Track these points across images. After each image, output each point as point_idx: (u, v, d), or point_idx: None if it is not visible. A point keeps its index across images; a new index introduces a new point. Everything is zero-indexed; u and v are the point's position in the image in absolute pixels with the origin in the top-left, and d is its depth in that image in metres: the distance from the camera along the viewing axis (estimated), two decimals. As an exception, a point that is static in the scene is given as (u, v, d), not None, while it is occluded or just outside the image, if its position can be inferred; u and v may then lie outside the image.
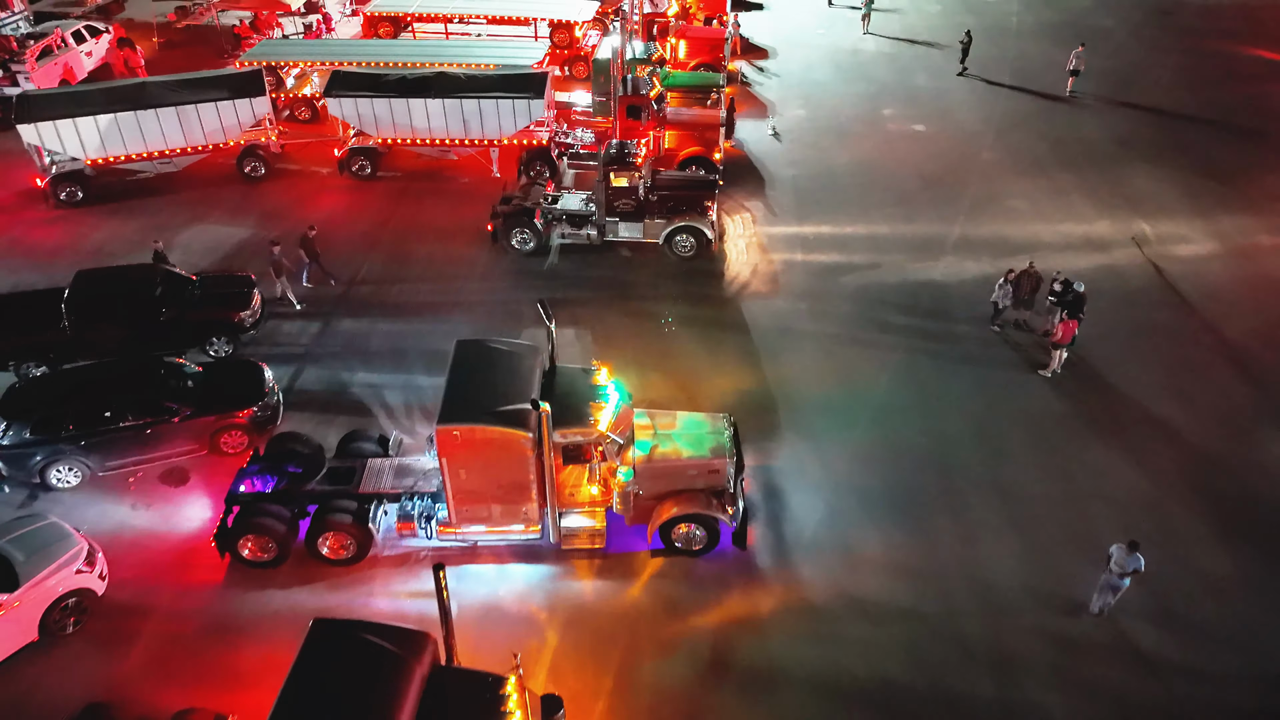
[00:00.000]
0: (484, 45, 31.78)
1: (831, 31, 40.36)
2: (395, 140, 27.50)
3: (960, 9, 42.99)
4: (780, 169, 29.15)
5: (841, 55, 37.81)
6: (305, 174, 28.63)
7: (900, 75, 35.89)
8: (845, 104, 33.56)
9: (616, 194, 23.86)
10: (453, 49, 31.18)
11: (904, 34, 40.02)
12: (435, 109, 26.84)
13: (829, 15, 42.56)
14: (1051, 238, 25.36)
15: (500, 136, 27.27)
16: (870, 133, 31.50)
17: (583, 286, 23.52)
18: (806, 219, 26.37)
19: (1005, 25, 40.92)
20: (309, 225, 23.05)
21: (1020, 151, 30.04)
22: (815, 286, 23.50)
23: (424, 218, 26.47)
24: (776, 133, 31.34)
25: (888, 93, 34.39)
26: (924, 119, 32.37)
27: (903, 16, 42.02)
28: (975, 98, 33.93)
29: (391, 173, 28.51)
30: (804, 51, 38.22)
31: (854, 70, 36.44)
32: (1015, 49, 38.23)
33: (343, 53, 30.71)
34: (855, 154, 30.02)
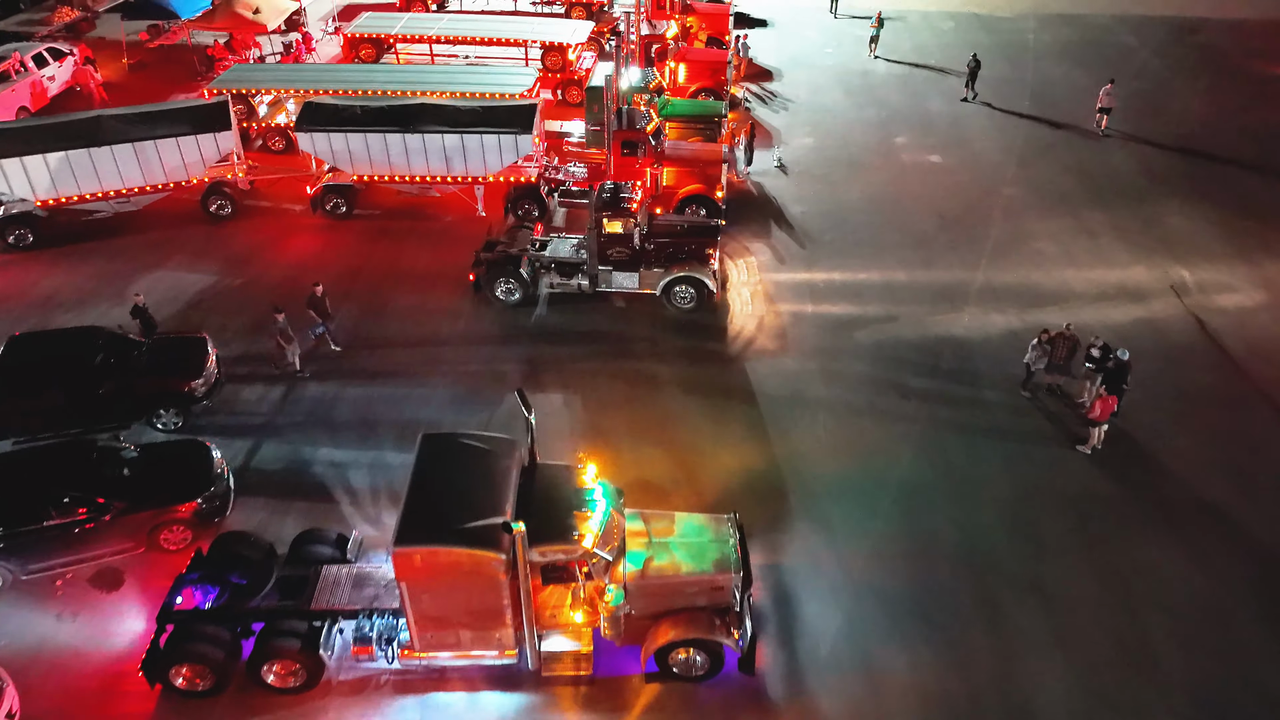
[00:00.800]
0: (470, 71, 29.78)
1: (839, 51, 38.35)
2: (372, 177, 25.50)
3: (974, 25, 41.01)
4: (787, 205, 27.13)
5: (850, 77, 35.81)
6: (276, 212, 26.64)
7: (913, 99, 33.88)
8: (855, 131, 31.55)
9: (610, 241, 21.84)
10: (436, 76, 29.17)
11: (915, 54, 38.01)
12: (415, 145, 24.84)
13: (835, 31, 40.56)
14: (1083, 286, 23.33)
15: (485, 174, 25.27)
16: (883, 164, 29.48)
17: (573, 342, 21.53)
18: (816, 264, 24.36)
19: (1022, 44, 38.90)
20: (314, 283, 20.76)
21: (1044, 186, 28.01)
22: (827, 343, 21.48)
23: (403, 262, 24.48)
24: (782, 164, 29.33)
25: (900, 119, 32.38)
26: (940, 148, 30.36)
27: (914, 34, 40.02)
28: (994, 125, 31.91)
29: (369, 210, 26.52)
30: (810, 73, 36.22)
31: (864, 94, 34.43)
32: (1034, 71, 36.21)
33: (318, 79, 28.69)
34: (867, 188, 28.00)
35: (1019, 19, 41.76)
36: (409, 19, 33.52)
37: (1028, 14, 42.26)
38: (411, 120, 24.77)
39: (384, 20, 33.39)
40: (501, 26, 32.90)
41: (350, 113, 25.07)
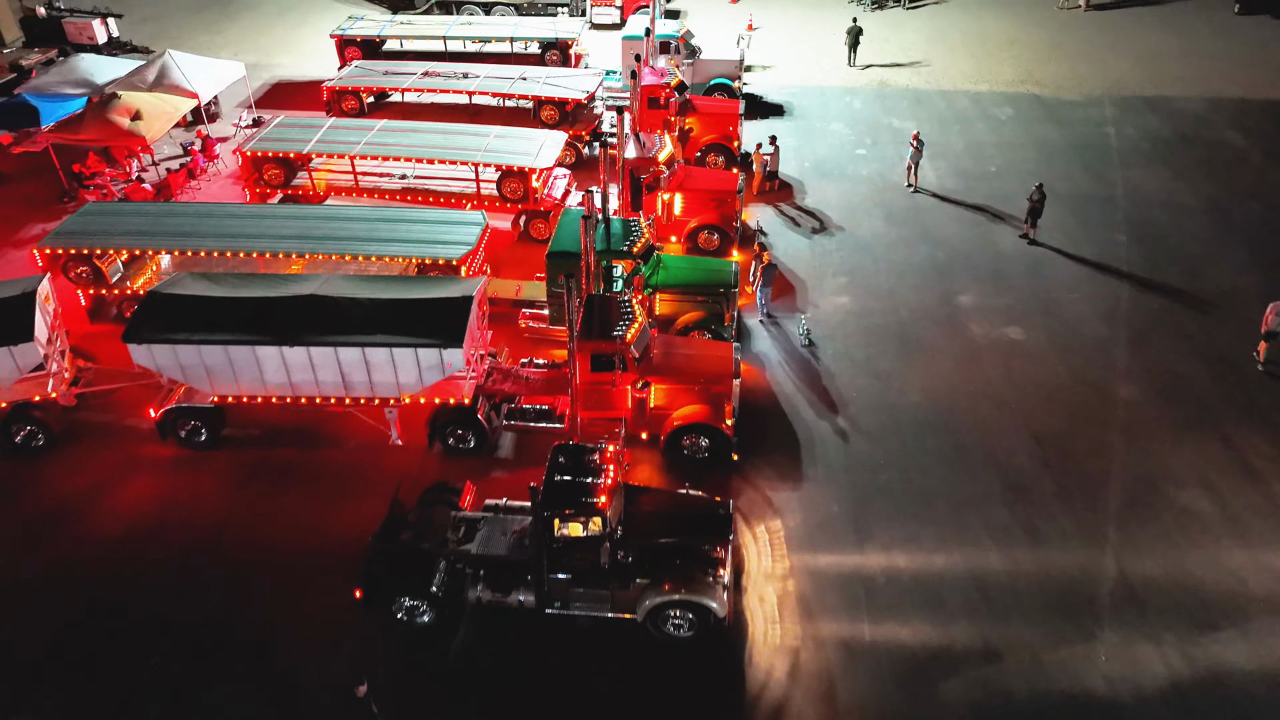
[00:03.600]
0: (396, 218, 22.28)
1: (875, 152, 30.89)
2: (239, 398, 18.11)
3: (1037, 112, 33.55)
4: (821, 415, 19.71)
5: (892, 194, 28.35)
6: (114, 434, 19.26)
7: (973, 232, 26.40)
8: (905, 283, 24.10)
9: (565, 547, 14.43)
10: (349, 225, 21.78)
11: (970, 158, 30.56)
12: (298, 360, 17.46)
13: (866, 118, 33.09)
14: (1266, 586, 15.87)
15: (399, 396, 17.89)
16: (946, 340, 22.04)
17: (507, 704, 14.12)
18: (870, 534, 16.92)
19: (1100, 142, 31.44)
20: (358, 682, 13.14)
21: (1172, 385, 20.54)
22: (901, 709, 14.04)
23: (279, 521, 17.16)
24: (810, 338, 21.91)
25: (961, 263, 24.93)
26: (1020, 314, 22.90)
27: (965, 126, 32.57)
28: (1084, 276, 24.40)
29: (242, 429, 19.17)
30: (841, 187, 28.78)
31: (910, 220, 26.97)
32: (1124, 185, 28.71)
33: (186, 229, 21.36)
34: (929, 385, 20.56)
35: (1090, 104, 34.30)
36: (329, 128, 26.14)
37: (1100, 97, 34.82)
38: (294, 326, 17.37)
39: (296, 130, 25.98)
40: (448, 141, 25.47)
41: (207, 310, 17.68)
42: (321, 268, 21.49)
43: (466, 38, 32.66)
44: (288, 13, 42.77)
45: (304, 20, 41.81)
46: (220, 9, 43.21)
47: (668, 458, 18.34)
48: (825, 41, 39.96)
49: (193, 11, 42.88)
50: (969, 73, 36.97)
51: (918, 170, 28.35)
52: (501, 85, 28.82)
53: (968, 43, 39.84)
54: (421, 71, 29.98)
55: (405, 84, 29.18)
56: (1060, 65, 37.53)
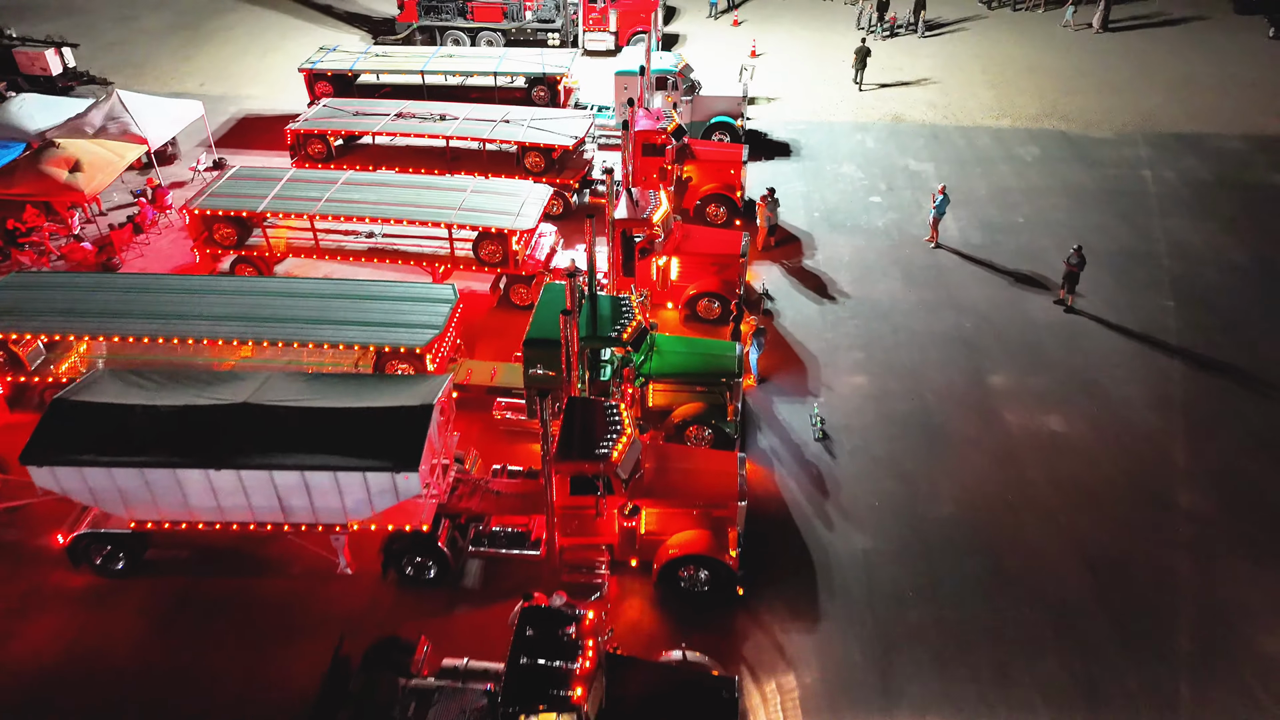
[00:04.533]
0: (356, 294, 19.67)
1: (892, 197, 28.27)
2: (160, 525, 15.51)
3: (1065, 152, 30.90)
4: (838, 530, 17.11)
5: (911, 250, 25.70)
6: (22, 557, 16.63)
7: (1004, 297, 23.77)
8: (929, 360, 21.49)
9: (537, 742, 11.82)
10: (301, 300, 19.22)
11: (995, 205, 27.94)
12: (227, 484, 14.89)
13: (879, 157, 30.47)
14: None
15: (347, 522, 15.30)
16: (978, 431, 19.42)
17: None
18: (899, 697, 14.30)
19: (1137, 187, 28.81)
20: None
21: (1243, 491, 17.90)
22: None
23: (204, 671, 14.57)
24: (824, 431, 19.33)
25: (990, 334, 22.33)
26: (1058, 398, 20.30)
27: (988, 169, 29.93)
28: (1131, 352, 21.76)
29: (169, 550, 16.58)
30: (854, 241, 26.16)
31: (932, 281, 24.35)
32: (1165, 238, 26.09)
33: (115, 307, 18.85)
34: (961, 492, 17.93)
35: (1122, 142, 31.66)
36: (288, 181, 23.55)
37: (1133, 134, 32.19)
38: (223, 442, 14.80)
39: (250, 184, 23.39)
40: (419, 198, 22.86)
41: (122, 421, 15.09)
42: (267, 354, 18.95)
43: (446, 73, 30.07)
44: (260, 38, 40.19)
45: (277, 46, 39.24)
46: (189, 33, 40.64)
47: (661, 591, 15.75)
48: (834, 69, 37.36)
49: (161, 36, 40.32)
50: (989, 105, 34.36)
51: (939, 227, 25.69)
52: (481, 129, 26.22)
53: (986, 70, 37.23)
54: (395, 112, 27.38)
55: (376, 126, 26.58)
56: (1086, 96, 34.91)
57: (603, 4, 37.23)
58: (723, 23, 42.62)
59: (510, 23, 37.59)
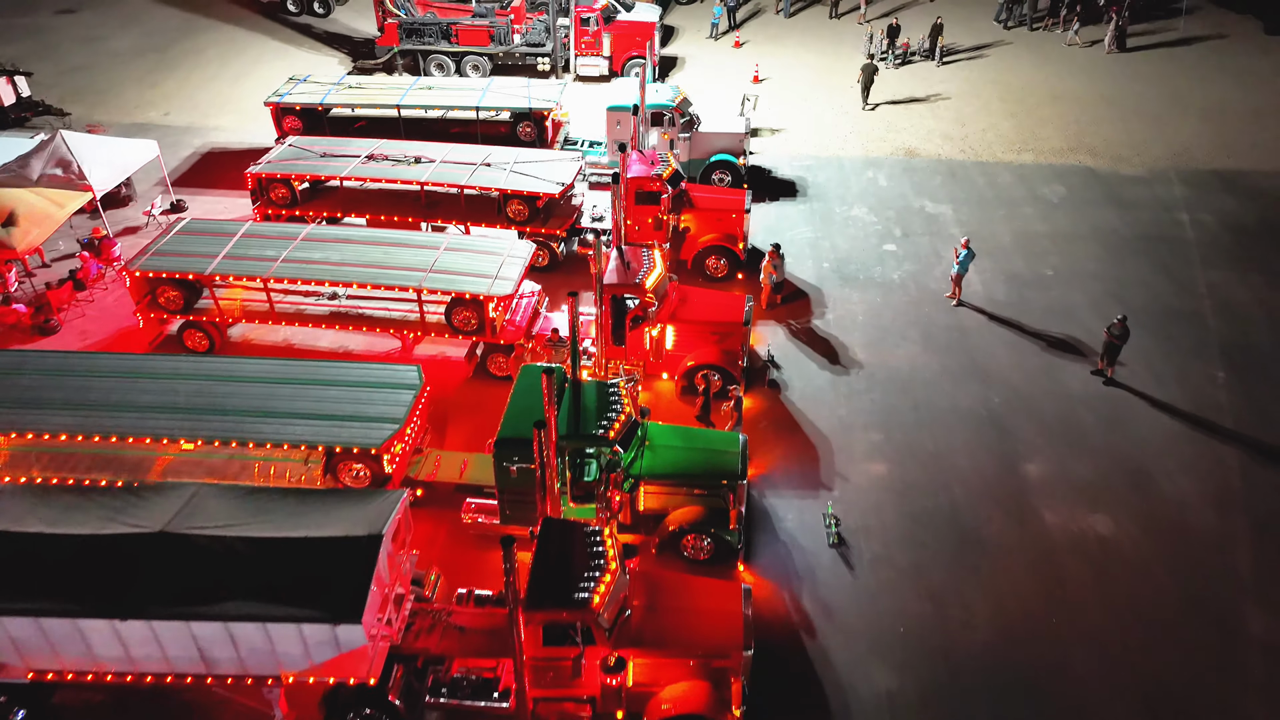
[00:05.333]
0: (309, 377, 17.35)
1: (909, 244, 25.92)
2: (63, 675, 13.20)
3: (1094, 192, 28.56)
4: (858, 665, 14.79)
5: (931, 309, 23.37)
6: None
7: (1035, 365, 21.43)
8: (954, 441, 19.18)
9: None
10: (246, 386, 16.92)
11: (1020, 252, 25.62)
12: (138, 634, 12.59)
13: (895, 198, 28.16)
14: None
15: (280, 674, 12.99)
16: (1014, 534, 17.10)
17: None
18: None
19: (1173, 232, 26.47)
20: None
21: (1321, 614, 15.65)
22: None
23: None
24: (839, 534, 17.03)
25: (1022, 410, 20.01)
26: (1102, 492, 17.98)
27: (1012, 211, 27.58)
28: (1179, 433, 19.45)
29: (80, 694, 14.25)
30: (868, 296, 23.84)
31: (954, 347, 22.03)
32: (1211, 297, 23.72)
33: (30, 395, 16.64)
34: (998, 614, 15.62)
35: (1155, 179, 29.32)
36: (243, 236, 21.28)
37: (1166, 170, 29.86)
38: (134, 584, 12.52)
39: (200, 241, 21.11)
40: (386, 256, 20.57)
41: (17, 554, 12.81)
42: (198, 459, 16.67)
43: (424, 107, 27.74)
44: (232, 62, 37.87)
45: (249, 71, 36.93)
46: (157, 56, 38.33)
47: (652, 751, 13.43)
48: (842, 97, 35.05)
49: (127, 60, 38.01)
50: (1009, 137, 32.04)
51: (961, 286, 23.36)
52: (459, 174, 23.91)
53: (1004, 98, 34.91)
54: (366, 154, 25.09)
55: (344, 171, 24.27)
56: (1114, 127, 32.60)
57: (595, 28, 34.91)
58: (723, 44, 40.31)
59: (497, 46, 35.28)
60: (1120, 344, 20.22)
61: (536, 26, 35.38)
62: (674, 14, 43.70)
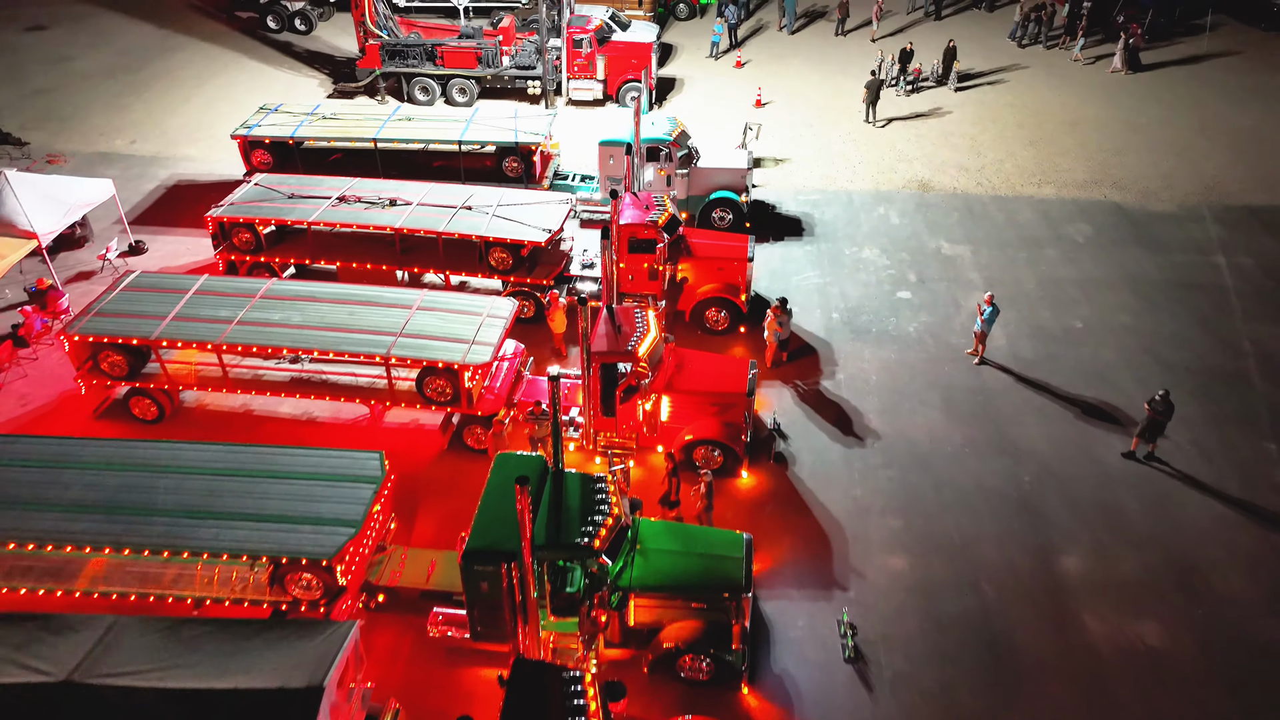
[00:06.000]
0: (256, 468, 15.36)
1: (923, 293, 23.97)
2: None
3: (1123, 230, 26.59)
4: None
5: (951, 368, 21.41)
6: None
7: (1067, 435, 19.45)
8: (982, 529, 17.23)
9: None
10: (185, 479, 14.94)
11: (1046, 302, 23.68)
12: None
13: (909, 238, 26.20)
14: None
15: None
16: (1053, 646, 15.15)
17: None
18: None
19: (1212, 281, 24.48)
20: None
21: None
22: None
23: None
24: (856, 647, 15.08)
25: (1055, 491, 18.05)
26: (1150, 594, 16.02)
27: (1033, 253, 25.62)
28: (1232, 522, 17.45)
29: None
30: (882, 353, 21.87)
31: (978, 414, 20.06)
32: (1255, 354, 21.69)
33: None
34: (1041, 747, 13.71)
35: (1187, 217, 27.35)
36: (195, 293, 19.36)
37: (1198, 206, 27.90)
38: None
39: (146, 299, 19.18)
40: (352, 318, 18.63)
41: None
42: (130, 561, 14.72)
43: (402, 141, 25.76)
44: (207, 83, 35.94)
45: (225, 93, 35.01)
46: (128, 78, 36.38)
47: None
48: (850, 124, 33.10)
49: (96, 81, 36.05)
50: (1028, 168, 30.08)
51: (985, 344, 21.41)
52: (437, 220, 21.98)
53: (1023, 124, 32.97)
54: (338, 194, 23.16)
55: (312, 215, 22.32)
56: (1140, 157, 30.65)
57: (589, 50, 32.96)
58: (724, 64, 38.36)
59: (485, 69, 33.34)
60: (1164, 421, 18.24)
61: (527, 48, 33.43)
62: (673, 31, 41.78)
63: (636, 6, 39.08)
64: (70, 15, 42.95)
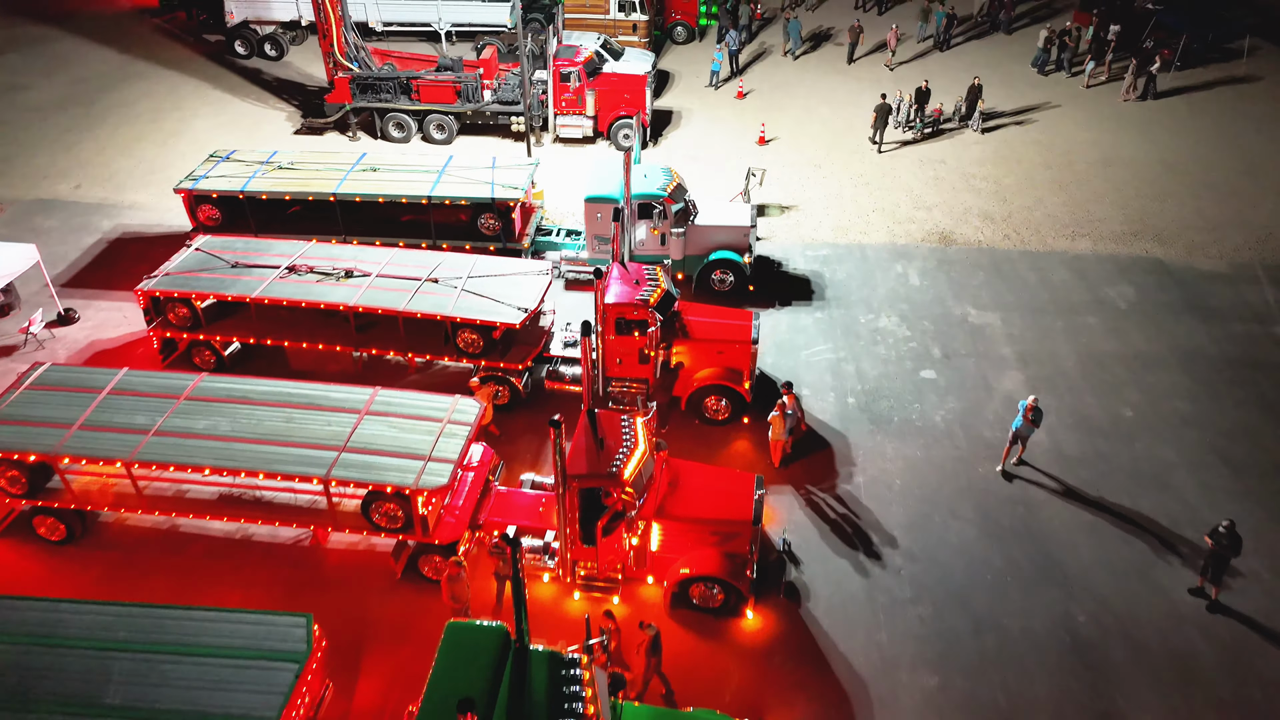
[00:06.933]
0: (151, 636, 12.64)
1: (949, 372, 21.24)
2: None
3: (1172, 298, 23.83)
4: None
5: (985, 470, 18.65)
6: None
7: (1125, 561, 16.72)
8: (1035, 693, 14.49)
9: None
10: (66, 659, 12.21)
11: (1092, 395, 20.95)
12: None
13: (931, 302, 23.48)
14: None
15: None
16: None
17: None
18: None
19: (1275, 359, 21.74)
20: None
21: None
22: None
23: None
24: None
25: (1118, 638, 15.32)
26: (1243, 780, 13.34)
27: (1071, 325, 22.84)
28: (1330, 669, 14.82)
29: None
30: (907, 449, 19.12)
31: (1020, 531, 17.33)
32: (1335, 451, 19.08)
33: None
34: None
35: (1240, 277, 24.60)
36: (111, 393, 16.66)
37: (1250, 263, 25.14)
38: None
39: (52, 402, 16.46)
40: (289, 427, 15.92)
41: None
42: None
43: (365, 196, 23.00)
44: (165, 116, 33.22)
45: (182, 129, 32.30)
46: (81, 111, 33.67)
47: None
48: (862, 164, 30.37)
49: (46, 115, 33.34)
50: (1059, 216, 27.34)
51: (1021, 451, 18.63)
52: (397, 297, 19.28)
53: (1049, 164, 30.24)
54: (288, 262, 20.46)
55: (256, 289, 19.61)
56: (1181, 204, 27.91)
57: (577, 84, 30.21)
58: (725, 94, 35.61)
59: (465, 104, 30.62)
60: (1229, 556, 15.49)
61: (510, 81, 30.69)
62: (670, 56, 39.04)
63: (631, 32, 36.34)
64: (29, 38, 40.29)
